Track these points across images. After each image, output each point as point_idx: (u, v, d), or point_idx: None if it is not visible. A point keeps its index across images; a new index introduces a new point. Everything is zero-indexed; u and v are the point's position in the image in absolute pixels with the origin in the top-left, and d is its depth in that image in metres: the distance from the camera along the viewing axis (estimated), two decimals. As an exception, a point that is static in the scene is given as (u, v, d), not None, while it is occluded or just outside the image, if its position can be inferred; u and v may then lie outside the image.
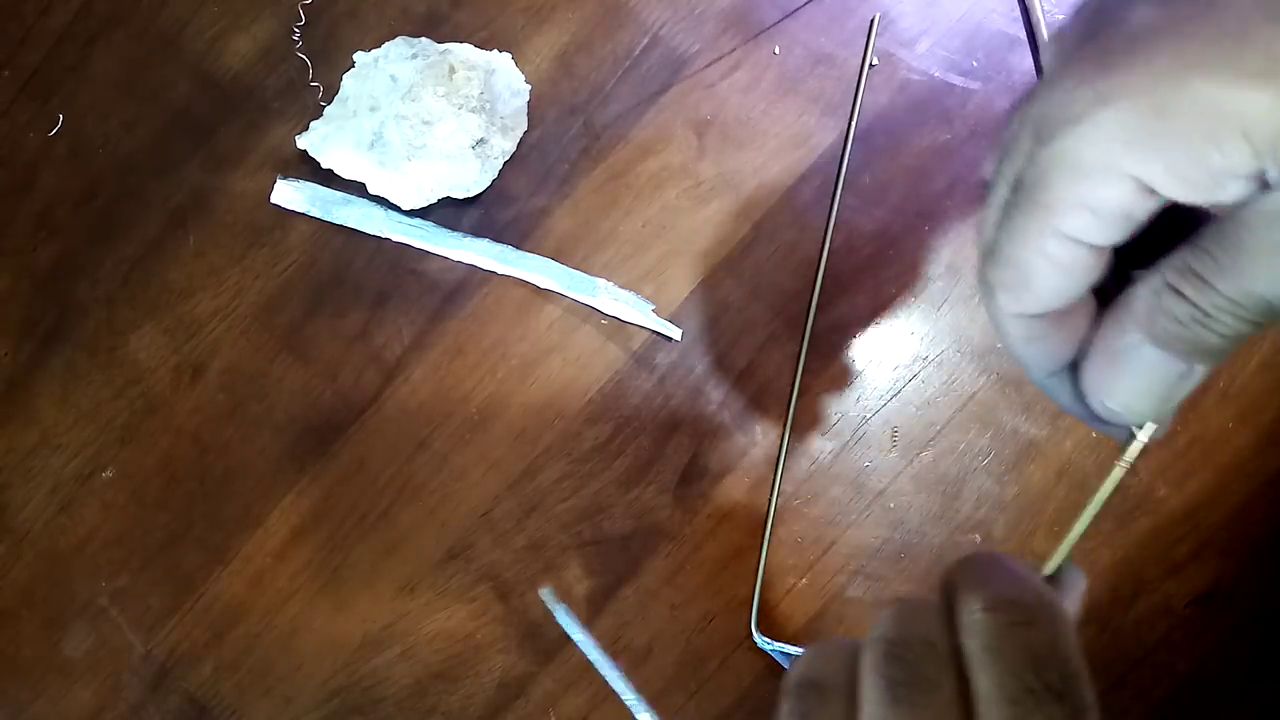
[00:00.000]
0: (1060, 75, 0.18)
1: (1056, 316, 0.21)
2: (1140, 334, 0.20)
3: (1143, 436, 0.22)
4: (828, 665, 0.22)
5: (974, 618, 0.20)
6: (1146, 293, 0.20)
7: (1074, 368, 0.22)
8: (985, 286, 0.21)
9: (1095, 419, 0.22)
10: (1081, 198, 0.18)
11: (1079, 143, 0.18)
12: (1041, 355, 0.22)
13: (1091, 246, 0.19)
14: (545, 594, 0.40)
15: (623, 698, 0.41)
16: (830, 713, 0.21)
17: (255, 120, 0.44)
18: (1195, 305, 0.19)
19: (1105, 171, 0.18)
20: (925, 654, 0.20)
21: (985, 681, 0.19)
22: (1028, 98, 0.20)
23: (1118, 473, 0.22)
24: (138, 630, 0.44)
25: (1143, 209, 0.18)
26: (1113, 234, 0.19)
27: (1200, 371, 0.20)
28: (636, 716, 0.40)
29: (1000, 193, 0.20)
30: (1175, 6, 0.17)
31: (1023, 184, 0.19)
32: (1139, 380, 0.20)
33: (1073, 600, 0.22)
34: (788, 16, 0.44)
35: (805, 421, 0.45)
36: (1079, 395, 0.22)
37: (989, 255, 0.21)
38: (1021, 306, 0.21)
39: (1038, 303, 0.20)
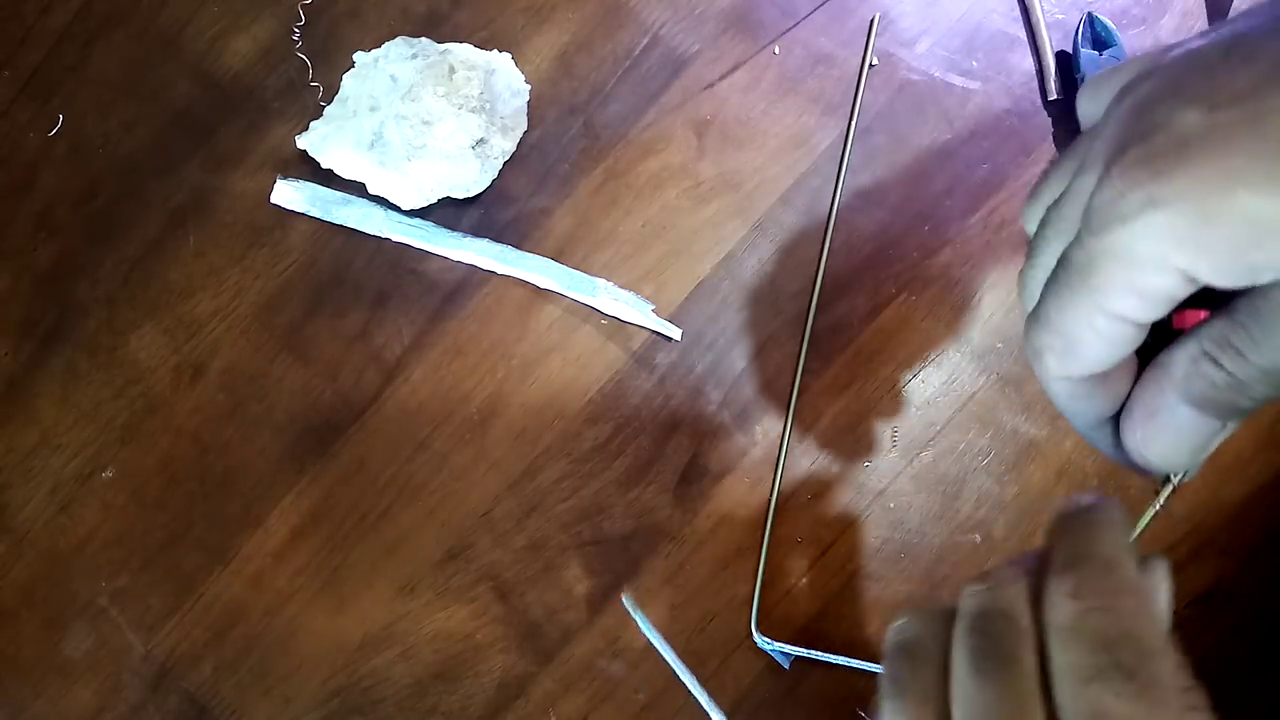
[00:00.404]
0: (1112, 172, 0.20)
1: (1100, 377, 0.23)
2: (1177, 396, 0.22)
3: (1176, 480, 0.24)
4: (923, 632, 0.24)
5: (1058, 599, 0.21)
6: (1184, 359, 0.21)
7: (1114, 418, 0.24)
8: (1034, 350, 0.23)
9: (1134, 465, 0.24)
10: (1130, 284, 0.20)
11: (1130, 239, 0.19)
12: (1086, 410, 0.24)
13: (1135, 322, 0.21)
14: (626, 600, 0.41)
15: (703, 704, 0.41)
16: (923, 677, 0.23)
17: (255, 120, 0.44)
18: (1231, 374, 0.20)
19: (1153, 265, 0.19)
20: (1007, 628, 0.22)
21: (1062, 658, 0.20)
22: (1070, 154, 0.22)
23: (1152, 511, 0.25)
24: (138, 630, 0.44)
25: (1184, 292, 0.20)
26: (1155, 312, 0.21)
27: (1231, 427, 0.22)
28: None
29: (1044, 261, 0.22)
30: (1220, 114, 0.18)
31: (1071, 264, 0.21)
32: (1175, 436, 0.22)
33: (1159, 585, 0.23)
34: (796, 24, 0.44)
35: (805, 421, 0.45)
36: (1119, 445, 0.24)
37: (1038, 323, 0.22)
38: (1068, 370, 0.23)
39: (1084, 367, 0.22)
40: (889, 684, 0.24)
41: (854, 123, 0.44)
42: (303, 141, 0.43)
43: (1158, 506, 0.25)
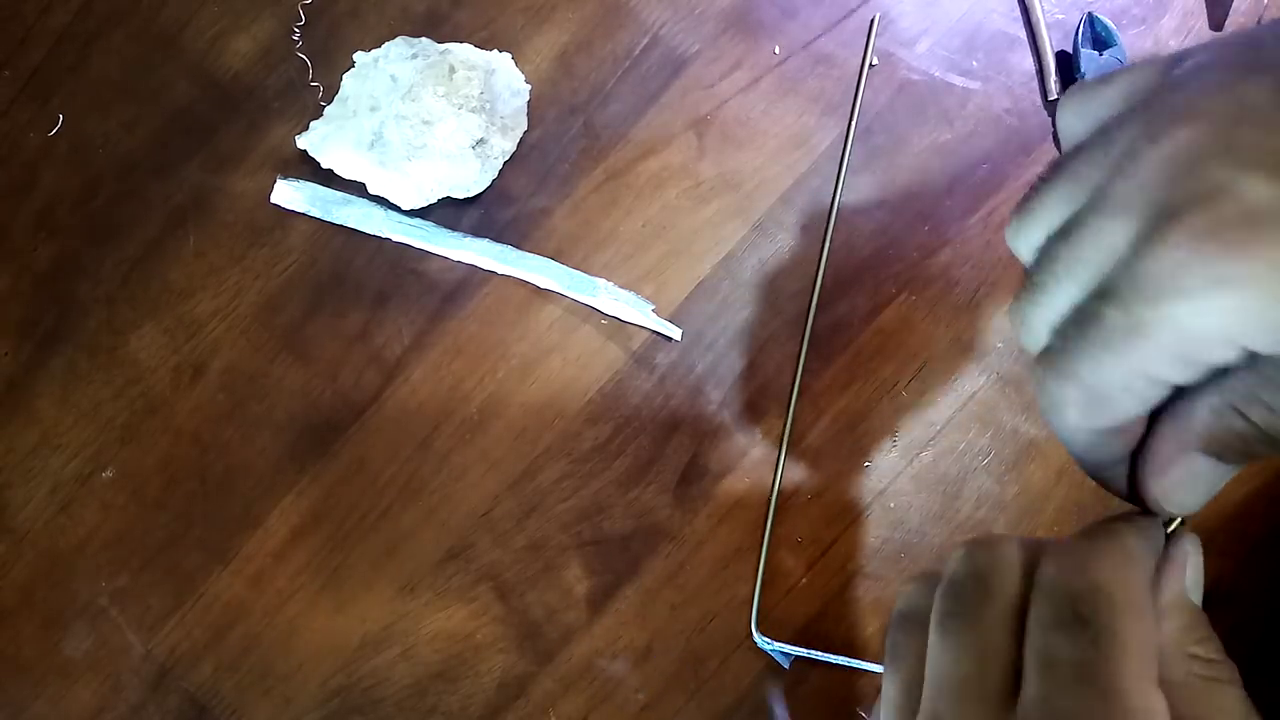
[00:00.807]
0: (1169, 240, 0.18)
1: (1119, 426, 0.22)
2: (1197, 446, 0.21)
3: (1189, 519, 0.24)
4: (920, 599, 0.24)
5: (1043, 564, 0.22)
6: (1206, 412, 0.21)
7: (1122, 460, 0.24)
8: (1052, 403, 0.22)
9: (1137, 502, 0.24)
10: (1183, 355, 0.19)
11: (1192, 315, 0.18)
12: (1099, 456, 0.23)
13: (1177, 384, 0.20)
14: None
15: None
16: (914, 643, 0.23)
17: (255, 120, 0.44)
18: (1259, 428, 0.20)
19: (1214, 340, 0.19)
20: (971, 589, 0.22)
21: (1034, 611, 0.21)
22: (1068, 176, 0.21)
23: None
24: (138, 630, 0.44)
25: (1236, 359, 0.19)
26: (1201, 376, 0.20)
27: (1239, 467, 0.22)
28: None
29: (1054, 302, 0.21)
30: None
31: (1108, 325, 0.20)
32: (1191, 482, 0.22)
33: (1185, 559, 0.23)
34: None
35: (805, 421, 0.45)
36: (1128, 486, 0.24)
37: (1059, 377, 0.21)
38: (1092, 423, 0.22)
39: (1109, 421, 0.22)
40: (888, 652, 0.24)
41: (854, 123, 0.44)
42: (303, 141, 0.43)
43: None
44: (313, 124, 0.43)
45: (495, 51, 0.43)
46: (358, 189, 0.44)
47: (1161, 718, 0.19)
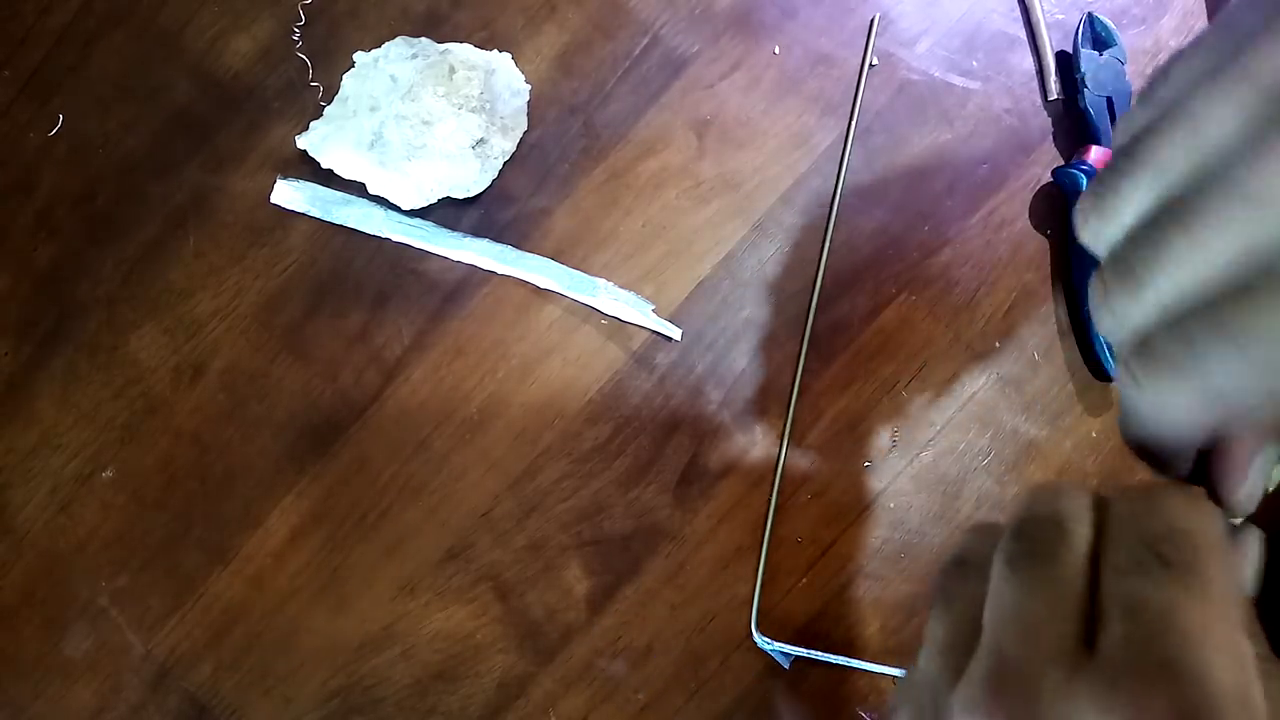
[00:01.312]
0: None
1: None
2: (1269, 440, 0.21)
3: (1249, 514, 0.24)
4: (977, 544, 0.23)
5: (1114, 508, 0.21)
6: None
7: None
8: (1162, 403, 0.20)
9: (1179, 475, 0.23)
10: None
11: None
12: (1181, 451, 0.22)
13: None
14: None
15: None
16: (968, 587, 0.22)
17: (255, 120, 0.44)
18: None
19: None
20: (1048, 530, 0.21)
21: (1107, 558, 0.20)
22: (1144, 158, 0.19)
23: None
24: (138, 630, 0.44)
25: None
26: None
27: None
28: None
29: (1154, 296, 0.19)
30: None
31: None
32: (1259, 477, 0.22)
33: (1240, 554, 0.22)
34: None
35: (805, 421, 0.45)
36: (1184, 467, 0.23)
37: (1180, 374, 0.19)
38: (1207, 422, 0.20)
39: (1227, 420, 0.20)
40: (937, 595, 0.23)
41: (854, 123, 0.44)
42: (303, 141, 0.43)
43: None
44: (313, 124, 0.43)
45: (495, 51, 0.43)
46: (358, 189, 0.44)
47: (1249, 663, 0.18)
